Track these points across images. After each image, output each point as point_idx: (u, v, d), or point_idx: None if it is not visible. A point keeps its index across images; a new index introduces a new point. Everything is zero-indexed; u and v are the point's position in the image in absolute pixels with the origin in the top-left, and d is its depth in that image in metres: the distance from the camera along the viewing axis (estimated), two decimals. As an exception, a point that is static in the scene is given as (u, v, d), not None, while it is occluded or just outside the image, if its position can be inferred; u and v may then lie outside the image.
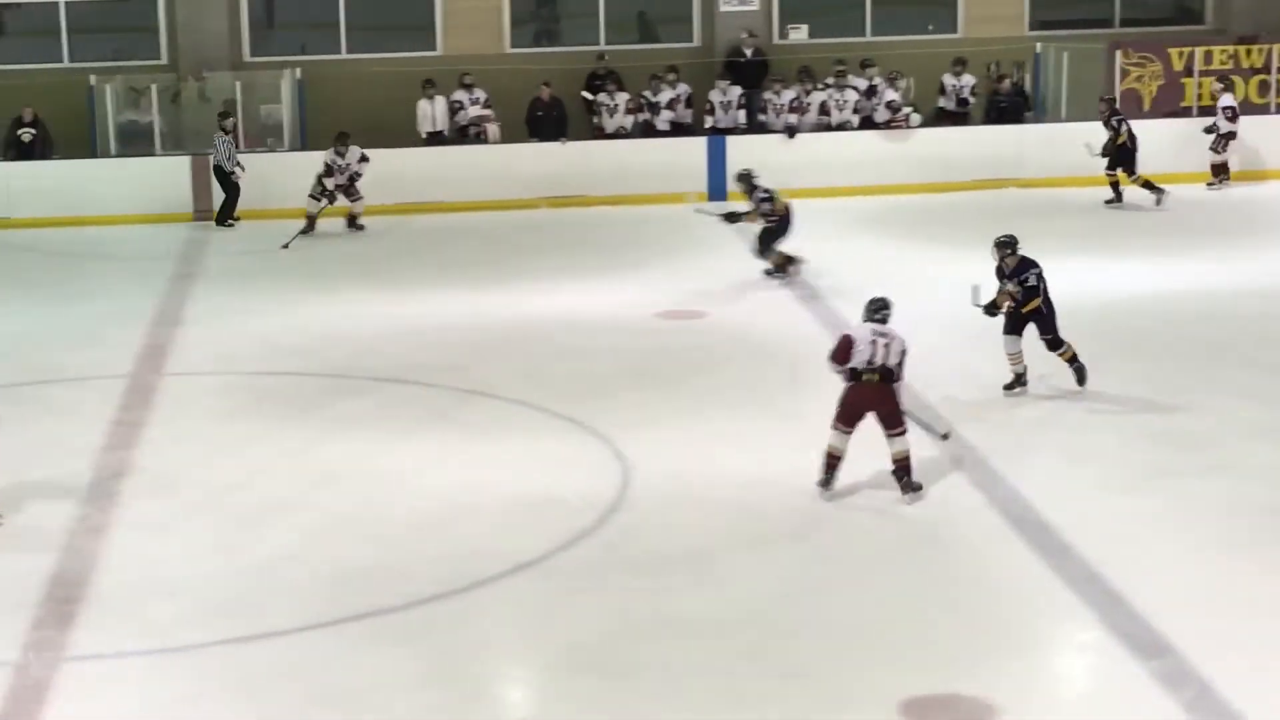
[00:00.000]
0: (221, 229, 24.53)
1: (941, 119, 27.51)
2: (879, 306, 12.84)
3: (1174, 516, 12.41)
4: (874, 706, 9.56)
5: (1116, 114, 24.84)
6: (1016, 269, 15.06)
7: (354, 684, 10.03)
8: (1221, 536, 11.99)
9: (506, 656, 10.60)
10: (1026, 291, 14.98)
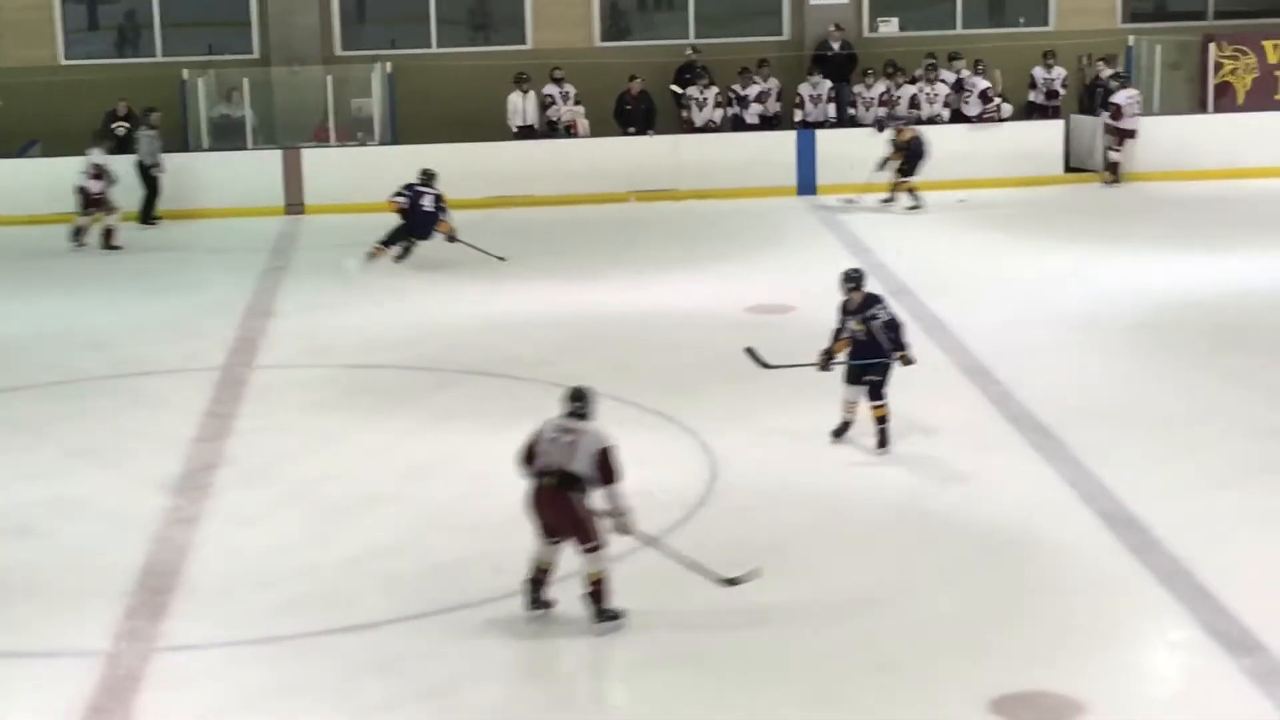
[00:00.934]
0: (147, 227, 24.53)
1: (1032, 112, 27.33)
2: (574, 398, 10.67)
3: (1269, 512, 12.28)
4: (964, 703, 9.52)
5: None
6: (862, 306, 13.63)
7: (445, 677, 10.07)
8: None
9: (597, 649, 10.57)
10: (874, 331, 13.46)
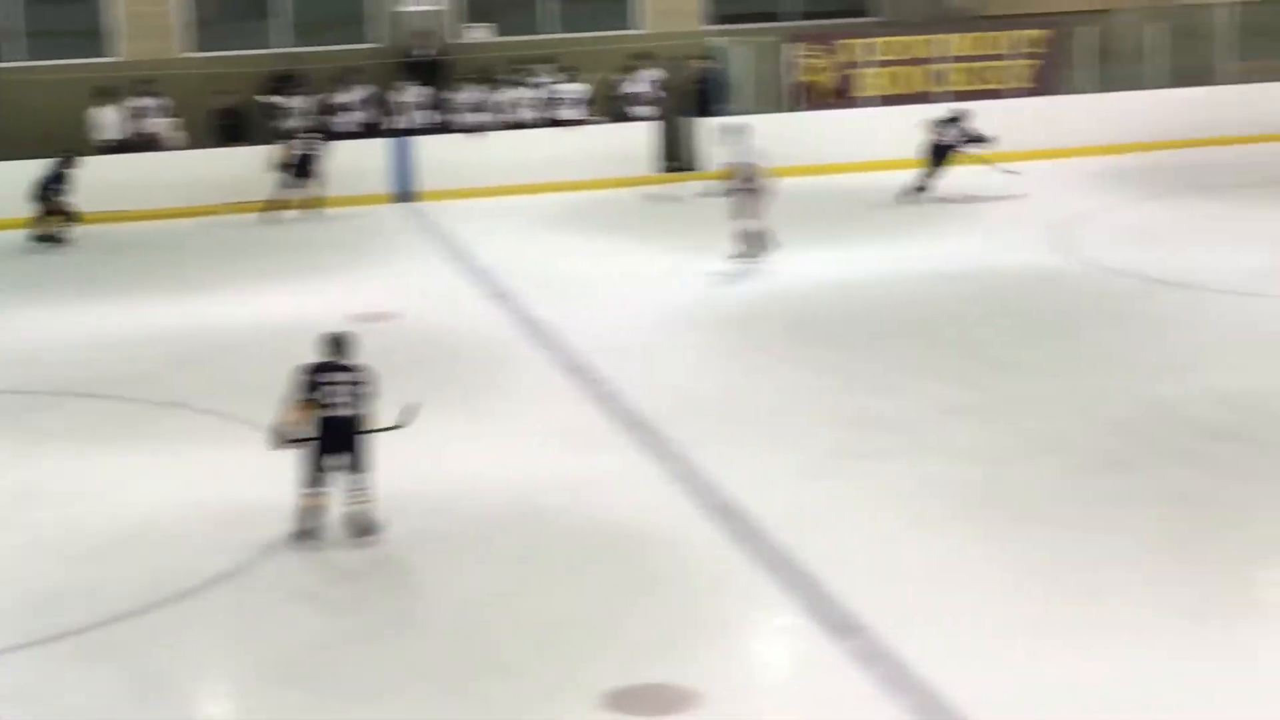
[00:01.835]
0: None
1: (624, 115, 27.79)
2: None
3: (859, 499, 12.70)
4: (578, 700, 9.64)
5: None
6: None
7: (68, 704, 9.86)
8: (914, 516, 12.28)
9: (212, 671, 10.46)
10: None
